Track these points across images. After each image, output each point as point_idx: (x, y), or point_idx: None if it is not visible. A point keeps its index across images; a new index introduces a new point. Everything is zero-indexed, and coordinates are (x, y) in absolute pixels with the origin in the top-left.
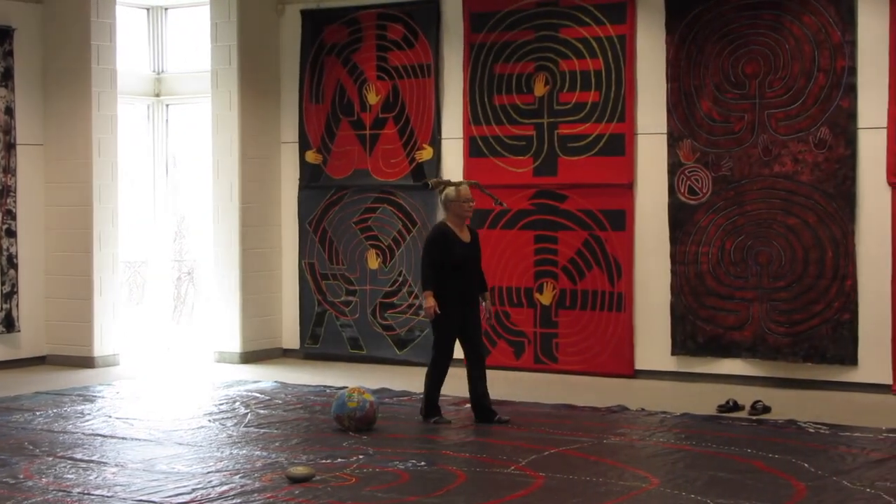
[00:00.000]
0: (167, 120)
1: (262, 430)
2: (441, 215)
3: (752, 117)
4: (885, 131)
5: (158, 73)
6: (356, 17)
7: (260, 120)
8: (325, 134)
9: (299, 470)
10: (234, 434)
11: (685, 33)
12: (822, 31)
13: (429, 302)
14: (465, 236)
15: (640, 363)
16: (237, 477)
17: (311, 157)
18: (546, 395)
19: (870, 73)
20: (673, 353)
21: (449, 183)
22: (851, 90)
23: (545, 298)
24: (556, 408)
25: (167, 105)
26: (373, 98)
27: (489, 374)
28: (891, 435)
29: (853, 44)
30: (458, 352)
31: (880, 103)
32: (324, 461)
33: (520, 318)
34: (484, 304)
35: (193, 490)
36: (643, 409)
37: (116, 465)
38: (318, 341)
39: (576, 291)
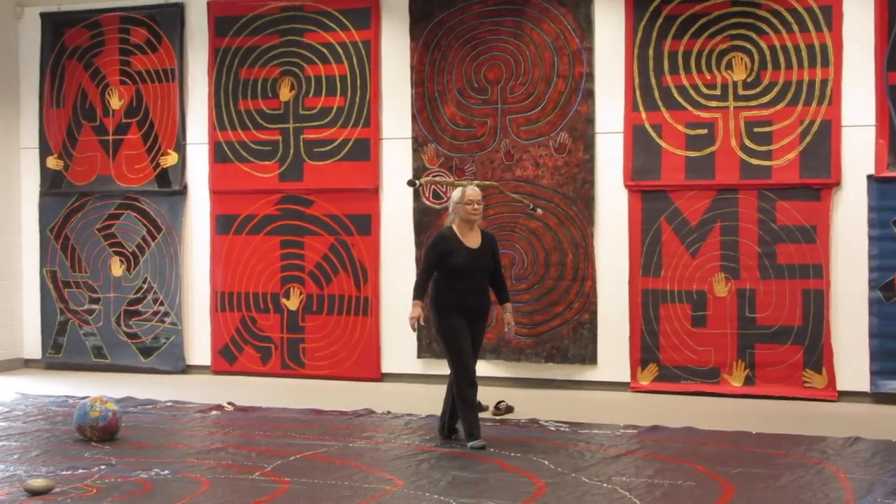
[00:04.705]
0: None
1: (0, 443)
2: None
3: (494, 122)
4: (621, 136)
5: None
6: (98, 21)
7: None
8: (66, 139)
9: (38, 482)
10: None
11: (429, 39)
12: (560, 38)
13: (413, 312)
14: (473, 241)
15: (387, 366)
16: None
17: (53, 162)
18: (294, 401)
19: (606, 80)
20: (419, 356)
21: (454, 183)
22: (589, 96)
23: (292, 304)
24: (303, 412)
25: None
26: (116, 103)
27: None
28: (627, 431)
29: (591, 50)
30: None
31: (617, 108)
32: (64, 472)
33: (267, 324)
34: (506, 315)
35: None
36: (389, 412)
37: None
38: (60, 350)
39: (322, 296)
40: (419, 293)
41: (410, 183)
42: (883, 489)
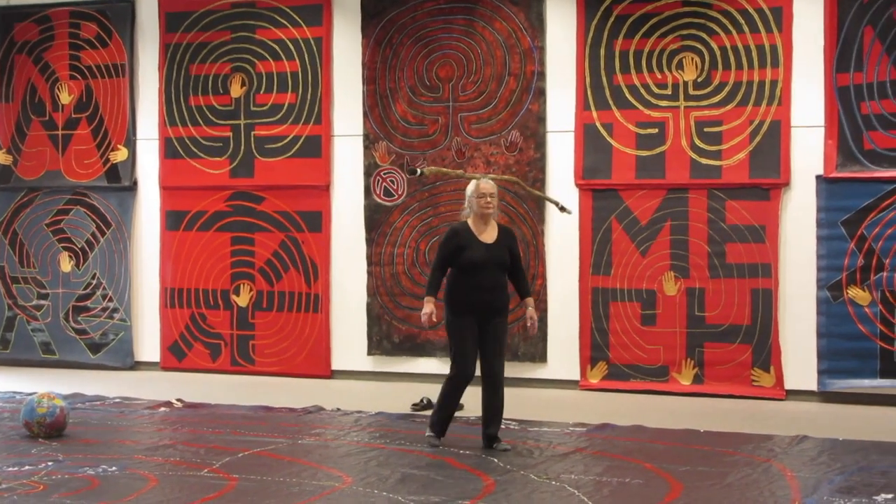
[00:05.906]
0: None
1: None
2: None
3: (445, 120)
4: (572, 134)
5: None
6: (48, 15)
7: None
8: (15, 134)
9: None
10: None
11: (381, 36)
12: (512, 37)
13: (425, 308)
14: (488, 237)
15: (337, 363)
16: None
17: (1, 157)
18: (243, 397)
19: (558, 78)
20: (369, 353)
21: (463, 175)
22: (541, 94)
23: (242, 300)
24: (252, 409)
25: None
26: (65, 98)
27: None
28: (576, 429)
29: (542, 49)
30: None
31: (568, 107)
32: (11, 469)
33: (216, 321)
34: (528, 310)
35: None
36: (339, 409)
37: None
38: (8, 346)
39: (273, 293)
40: (432, 289)
41: (411, 171)
42: (829, 487)
